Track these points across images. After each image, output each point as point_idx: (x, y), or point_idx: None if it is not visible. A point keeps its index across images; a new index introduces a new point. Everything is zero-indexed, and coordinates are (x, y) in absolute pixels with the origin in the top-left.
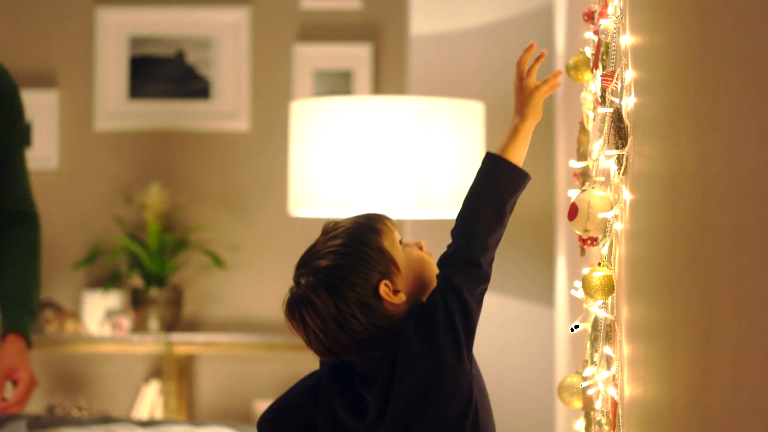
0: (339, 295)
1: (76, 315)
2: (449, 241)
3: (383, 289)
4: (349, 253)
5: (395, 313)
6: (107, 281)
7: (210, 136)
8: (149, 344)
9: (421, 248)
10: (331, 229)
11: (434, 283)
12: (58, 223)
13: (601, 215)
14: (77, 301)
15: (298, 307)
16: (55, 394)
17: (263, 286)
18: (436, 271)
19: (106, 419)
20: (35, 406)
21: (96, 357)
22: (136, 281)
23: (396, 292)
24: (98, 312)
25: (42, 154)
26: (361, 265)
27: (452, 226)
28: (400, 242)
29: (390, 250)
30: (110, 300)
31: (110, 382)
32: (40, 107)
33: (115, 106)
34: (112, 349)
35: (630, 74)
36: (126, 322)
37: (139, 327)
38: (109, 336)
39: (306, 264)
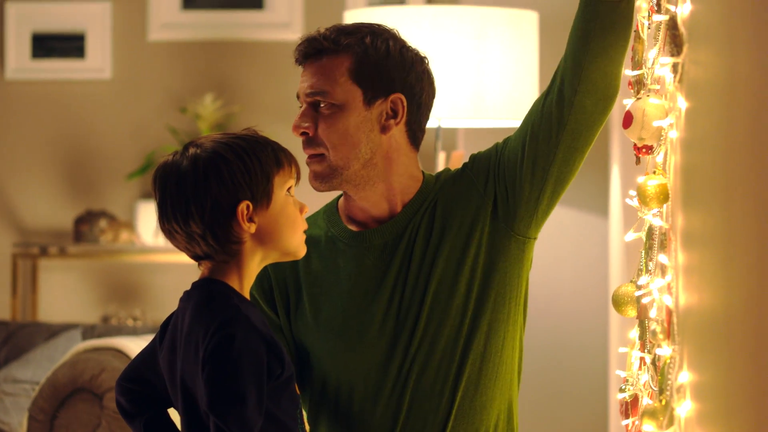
0: (206, 176)
1: (130, 225)
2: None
3: (242, 208)
4: (241, 156)
5: (238, 237)
6: None
7: (263, 46)
8: None
9: (301, 211)
10: (245, 131)
11: (283, 248)
12: (112, 133)
13: (656, 123)
14: (131, 211)
15: (164, 171)
16: (109, 304)
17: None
18: (297, 239)
19: None
20: (90, 316)
21: (150, 267)
22: None
23: (251, 219)
24: (152, 222)
25: (95, 65)
26: (240, 172)
27: (506, 135)
28: (289, 190)
29: (275, 186)
30: None
31: (164, 292)
32: (93, 17)
33: (168, 16)
34: (167, 259)
35: None
36: None
37: None
38: (163, 246)
39: (197, 141)
